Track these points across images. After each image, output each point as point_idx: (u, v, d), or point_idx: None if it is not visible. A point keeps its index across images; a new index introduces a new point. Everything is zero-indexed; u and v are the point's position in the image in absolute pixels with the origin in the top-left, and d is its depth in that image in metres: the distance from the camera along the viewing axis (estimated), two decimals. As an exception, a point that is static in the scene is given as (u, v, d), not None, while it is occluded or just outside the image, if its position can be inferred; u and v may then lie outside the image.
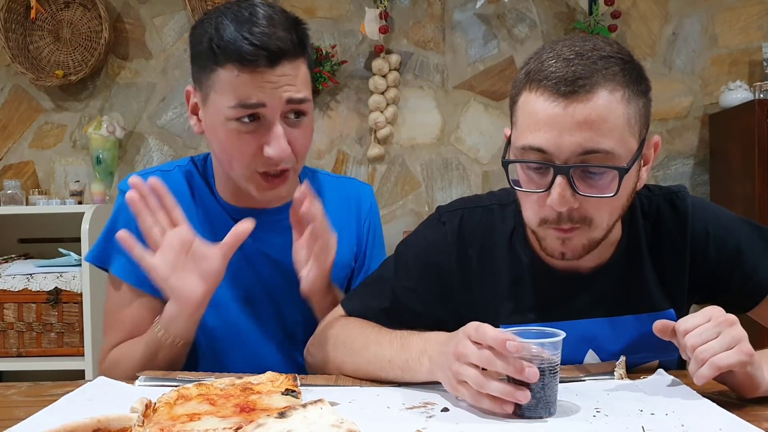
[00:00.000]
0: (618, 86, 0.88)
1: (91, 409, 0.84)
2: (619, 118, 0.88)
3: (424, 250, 1.11)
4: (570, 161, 0.89)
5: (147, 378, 1.01)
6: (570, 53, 0.89)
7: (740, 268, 1.04)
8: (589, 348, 1.05)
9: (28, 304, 2.51)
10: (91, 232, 2.46)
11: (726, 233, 1.05)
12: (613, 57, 0.89)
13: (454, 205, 1.13)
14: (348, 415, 0.81)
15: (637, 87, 0.91)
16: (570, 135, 0.87)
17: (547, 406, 0.81)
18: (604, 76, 0.87)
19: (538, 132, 0.89)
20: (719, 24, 2.86)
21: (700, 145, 2.88)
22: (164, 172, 1.20)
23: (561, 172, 0.88)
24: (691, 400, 0.86)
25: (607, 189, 0.89)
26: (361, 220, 1.30)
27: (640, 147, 0.92)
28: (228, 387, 0.89)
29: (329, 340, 1.08)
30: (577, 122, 0.87)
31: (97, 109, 3.06)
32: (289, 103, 1.06)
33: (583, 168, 0.89)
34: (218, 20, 1.05)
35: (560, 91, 0.87)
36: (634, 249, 1.05)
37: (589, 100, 0.87)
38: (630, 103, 0.89)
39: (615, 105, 0.88)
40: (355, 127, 3.00)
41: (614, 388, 0.93)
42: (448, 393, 0.91)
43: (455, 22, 2.95)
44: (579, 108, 0.87)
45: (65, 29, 3.03)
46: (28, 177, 3.10)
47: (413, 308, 1.09)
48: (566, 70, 0.87)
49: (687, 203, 1.06)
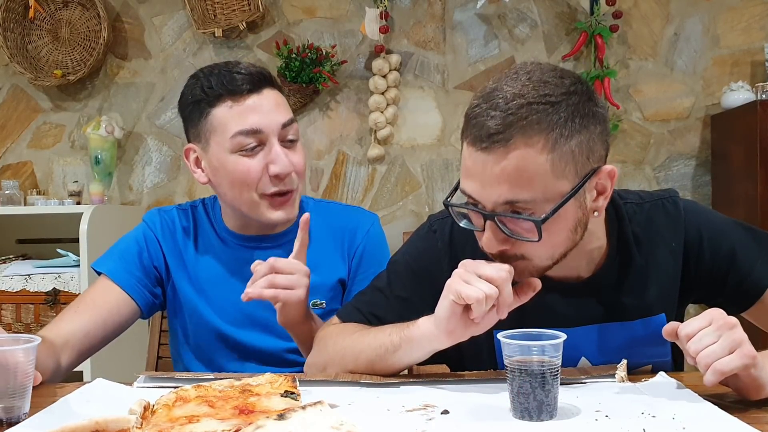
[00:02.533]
0: (537, 135, 0.87)
1: (89, 411, 0.84)
2: (539, 167, 0.88)
3: (416, 260, 1.13)
4: (496, 209, 0.91)
5: (145, 379, 1.02)
6: (497, 99, 0.89)
7: (735, 270, 1.05)
8: (581, 356, 1.06)
9: (26, 305, 2.51)
10: (89, 233, 2.46)
11: (720, 236, 1.06)
12: (536, 103, 0.87)
13: (445, 213, 1.14)
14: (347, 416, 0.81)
15: (572, 125, 0.88)
16: (491, 187, 0.90)
17: (549, 409, 0.81)
18: (521, 128, 0.87)
19: (467, 180, 0.93)
20: (721, 24, 2.86)
21: (701, 146, 2.88)
22: (180, 210, 1.37)
23: (487, 218, 0.92)
24: (692, 403, 0.86)
25: (531, 234, 0.91)
26: (353, 247, 1.33)
27: (580, 184, 0.90)
28: (227, 389, 0.89)
29: (328, 344, 1.09)
30: (495, 176, 0.89)
31: (96, 109, 3.06)
32: (284, 128, 1.21)
33: (504, 217, 0.91)
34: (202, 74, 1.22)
35: (478, 146, 0.89)
36: (625, 256, 1.05)
37: (505, 156, 0.88)
38: (556, 147, 0.87)
39: (533, 156, 0.87)
40: (355, 127, 3.00)
41: (615, 390, 0.93)
42: (448, 395, 0.91)
43: (456, 22, 2.95)
44: (495, 163, 0.88)
45: (64, 29, 3.03)
46: (27, 177, 3.10)
47: (406, 316, 1.08)
48: (484, 124, 0.88)
49: (679, 207, 1.07)
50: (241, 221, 1.29)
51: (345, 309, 1.16)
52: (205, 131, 1.21)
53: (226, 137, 1.18)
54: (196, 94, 1.20)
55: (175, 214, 1.35)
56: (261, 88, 1.20)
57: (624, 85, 2.88)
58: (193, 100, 1.21)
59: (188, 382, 0.94)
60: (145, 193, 3.05)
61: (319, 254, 1.29)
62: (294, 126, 1.23)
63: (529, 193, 0.88)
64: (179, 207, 1.37)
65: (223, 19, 2.92)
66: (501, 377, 0.86)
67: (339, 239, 1.33)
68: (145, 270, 1.29)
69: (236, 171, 1.19)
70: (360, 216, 1.38)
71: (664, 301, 1.06)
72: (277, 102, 1.22)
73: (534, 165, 0.87)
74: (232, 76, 1.18)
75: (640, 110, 2.89)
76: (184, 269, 1.31)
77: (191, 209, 1.37)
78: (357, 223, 1.35)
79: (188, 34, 3.03)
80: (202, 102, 1.20)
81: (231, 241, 1.32)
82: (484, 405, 0.88)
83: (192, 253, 1.32)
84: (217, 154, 1.20)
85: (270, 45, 2.96)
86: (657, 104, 2.89)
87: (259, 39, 3.00)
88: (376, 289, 1.15)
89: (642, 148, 2.90)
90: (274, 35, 2.99)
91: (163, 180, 3.05)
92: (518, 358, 0.81)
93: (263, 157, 1.19)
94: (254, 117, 1.18)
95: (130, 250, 1.30)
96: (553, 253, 0.95)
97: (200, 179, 1.26)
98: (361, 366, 1.02)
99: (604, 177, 0.94)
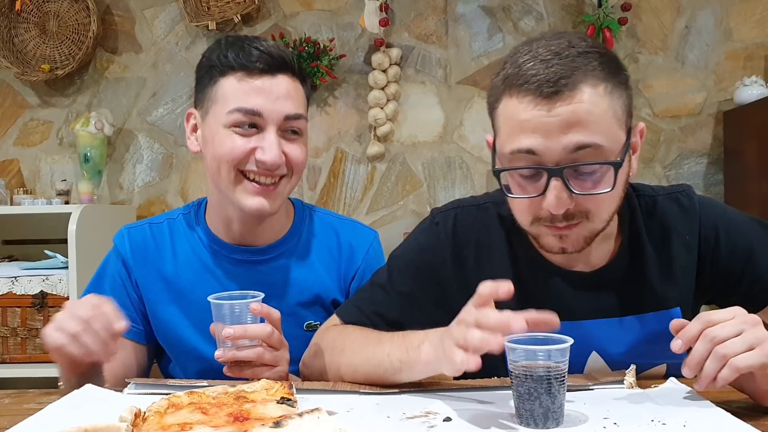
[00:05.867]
0: (599, 80, 0.91)
1: (78, 418, 0.84)
2: (606, 111, 0.91)
3: (418, 254, 1.13)
4: (561, 162, 0.91)
5: (136, 385, 1.02)
6: (547, 53, 0.91)
7: (751, 268, 1.06)
8: (592, 350, 1.06)
9: (12, 309, 2.51)
10: (78, 233, 2.45)
11: (737, 232, 1.07)
12: (590, 52, 0.92)
13: (448, 206, 1.16)
14: (346, 424, 0.81)
15: (617, 78, 0.94)
16: (559, 135, 0.90)
17: (555, 416, 0.81)
18: (584, 72, 0.90)
19: (525, 136, 0.91)
20: (734, 17, 2.86)
21: (713, 143, 2.88)
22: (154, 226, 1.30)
23: (555, 174, 0.91)
24: (704, 410, 0.86)
25: (603, 185, 0.92)
26: (351, 267, 1.29)
27: (627, 137, 0.95)
28: (221, 395, 0.89)
29: (326, 348, 1.08)
30: (564, 122, 0.89)
31: (85, 105, 3.06)
32: (286, 120, 1.15)
33: (576, 167, 0.91)
34: (224, 46, 1.18)
35: (543, 93, 0.90)
36: (637, 247, 1.07)
37: (573, 98, 0.89)
38: (613, 95, 0.92)
39: (599, 99, 0.91)
40: (354, 124, 3.00)
41: (624, 396, 0.93)
42: (450, 402, 0.90)
43: (458, 15, 2.95)
44: (564, 107, 0.89)
45: (51, 21, 3.03)
46: (13, 176, 3.10)
47: (409, 312, 1.09)
48: (547, 72, 0.90)
49: (694, 201, 1.08)
50: (225, 216, 1.23)
51: (345, 308, 1.15)
52: (209, 99, 1.18)
53: (224, 110, 1.15)
54: (212, 59, 1.18)
55: (147, 231, 1.28)
56: (276, 72, 1.15)
57: (633, 80, 2.87)
58: (207, 64, 1.18)
59: (181, 389, 0.94)
60: (136, 192, 3.04)
61: (314, 273, 1.26)
62: (300, 121, 1.18)
63: (600, 137, 0.90)
64: (152, 222, 1.30)
65: (217, 12, 2.92)
66: (505, 385, 0.86)
67: (336, 258, 1.29)
68: (134, 305, 1.25)
69: (223, 145, 1.15)
70: (359, 234, 1.33)
71: (678, 295, 1.06)
72: (289, 91, 1.16)
73: (600, 109, 0.90)
74: (251, 50, 1.14)
75: (650, 106, 2.89)
76: (164, 290, 1.25)
77: (167, 223, 1.30)
78: (356, 242, 1.30)
79: (181, 27, 3.03)
80: (214, 69, 1.17)
81: (216, 252, 1.25)
82: (488, 413, 0.88)
83: (171, 272, 1.25)
84: (212, 125, 1.17)
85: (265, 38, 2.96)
86: (667, 100, 2.89)
87: (254, 32, 3.00)
88: (376, 285, 1.14)
89: (652, 146, 2.90)
90: (270, 28, 2.99)
91: (155, 179, 3.05)
92: (523, 363, 0.81)
93: (255, 141, 1.15)
94: (258, 99, 1.14)
95: (116, 287, 1.25)
96: (610, 213, 0.97)
97: (192, 147, 1.23)
98: (359, 379, 1.01)
99: (637, 134, 0.99)
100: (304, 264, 1.26)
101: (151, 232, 1.28)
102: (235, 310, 1.02)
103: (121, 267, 1.26)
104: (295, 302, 1.25)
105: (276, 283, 1.23)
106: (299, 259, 1.27)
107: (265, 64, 1.14)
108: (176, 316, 1.24)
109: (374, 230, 1.36)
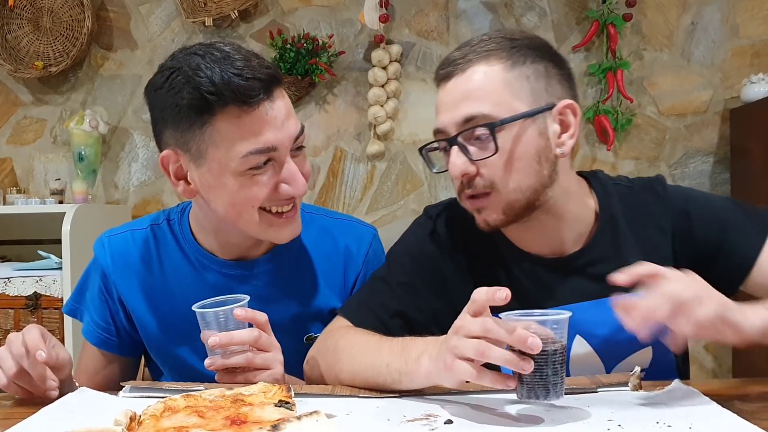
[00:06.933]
0: (496, 60, 1.03)
1: (72, 422, 0.84)
2: (496, 83, 1.02)
3: (415, 245, 1.19)
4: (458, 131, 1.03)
5: (131, 389, 1.02)
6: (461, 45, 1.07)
7: (726, 245, 1.10)
8: (576, 333, 1.09)
9: (5, 310, 2.51)
10: (72, 233, 2.46)
11: (709, 211, 1.12)
12: (495, 38, 1.05)
13: (441, 203, 1.23)
14: (345, 427, 0.81)
15: (529, 53, 1.04)
16: (454, 109, 1.04)
17: (555, 389, 0.83)
18: (478, 53, 1.04)
19: (437, 117, 1.08)
20: (741, 13, 2.86)
21: (720, 141, 2.88)
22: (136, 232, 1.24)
23: (451, 143, 1.05)
24: (709, 412, 0.86)
25: (489, 149, 1.02)
26: (352, 272, 1.25)
27: (537, 110, 1.02)
28: (218, 398, 0.89)
29: (328, 349, 1.09)
30: (458, 96, 1.04)
31: (79, 103, 3.06)
32: (295, 141, 1.08)
33: (466, 134, 1.03)
34: (194, 69, 1.01)
35: (440, 75, 1.07)
36: (614, 230, 1.11)
37: (462, 75, 1.03)
38: (513, 68, 1.02)
39: (490, 74, 1.02)
40: (353, 122, 3.00)
41: (629, 399, 0.93)
42: (451, 405, 0.91)
43: (460, 11, 2.95)
44: (453, 83, 1.04)
45: (45, 18, 3.03)
46: (6, 175, 3.10)
47: (411, 302, 1.14)
48: (448, 59, 1.06)
49: (666, 188, 1.15)
50: (223, 240, 1.18)
51: (349, 306, 1.17)
52: (201, 141, 1.03)
53: (232, 155, 1.02)
54: (191, 96, 1.00)
55: (129, 239, 1.22)
56: (272, 91, 1.04)
57: (638, 77, 2.88)
58: (185, 103, 1.01)
59: (177, 392, 0.94)
60: (131, 191, 3.04)
61: (312, 283, 1.22)
62: (303, 132, 1.10)
63: (486, 106, 1.01)
64: (134, 228, 1.24)
65: (214, 8, 2.92)
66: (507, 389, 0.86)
67: (334, 262, 1.24)
68: (116, 318, 1.23)
69: (241, 193, 1.05)
70: (357, 234, 1.27)
71: None
72: (287, 108, 1.07)
73: (489, 80, 1.02)
74: (237, 79, 0.99)
75: (655, 104, 2.89)
76: (149, 302, 1.20)
77: (152, 229, 1.23)
78: (355, 246, 1.25)
79: (177, 24, 3.03)
80: (201, 108, 1.00)
81: (205, 265, 1.19)
82: (489, 415, 0.88)
83: (157, 283, 1.20)
84: (216, 170, 1.04)
85: (263, 35, 2.96)
86: (673, 98, 2.89)
87: (252, 28, 3.00)
88: (377, 279, 1.18)
89: (657, 144, 2.90)
90: (268, 24, 2.99)
91: (150, 178, 3.05)
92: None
93: (273, 174, 1.06)
94: (268, 133, 1.03)
95: (95, 302, 1.24)
96: (519, 183, 1.03)
97: (184, 194, 1.10)
98: (357, 384, 1.02)
99: (566, 112, 1.05)
100: (301, 275, 1.22)
101: (134, 240, 1.22)
102: (220, 318, 1.02)
103: (101, 281, 1.23)
104: (294, 315, 1.21)
105: (272, 297, 1.18)
106: (295, 270, 1.22)
107: (263, 90, 1.02)
108: (163, 328, 1.21)
109: (372, 227, 1.31)
